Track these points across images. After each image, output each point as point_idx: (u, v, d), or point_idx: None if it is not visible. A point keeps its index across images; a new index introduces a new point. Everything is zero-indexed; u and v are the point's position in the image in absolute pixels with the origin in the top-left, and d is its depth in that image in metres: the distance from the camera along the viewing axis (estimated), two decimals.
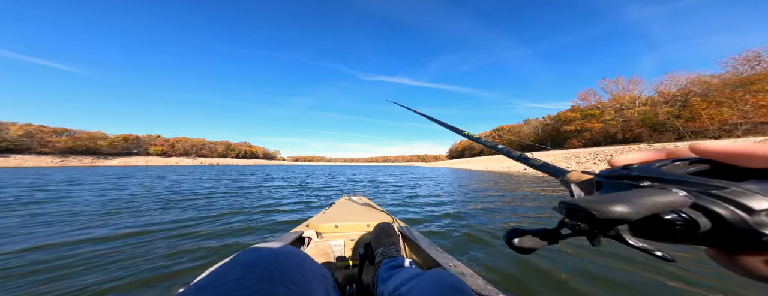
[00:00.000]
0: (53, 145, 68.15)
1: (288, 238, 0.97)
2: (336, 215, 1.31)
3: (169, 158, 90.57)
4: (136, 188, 5.62)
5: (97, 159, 70.29)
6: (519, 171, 15.86)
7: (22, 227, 2.32)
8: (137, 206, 3.39)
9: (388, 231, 0.91)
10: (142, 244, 1.85)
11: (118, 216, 2.79)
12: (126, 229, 2.23)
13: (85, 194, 4.60)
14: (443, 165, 51.34)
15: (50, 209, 3.17)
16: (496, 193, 4.87)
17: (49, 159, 61.11)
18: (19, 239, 1.96)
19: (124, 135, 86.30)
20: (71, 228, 2.30)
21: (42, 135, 68.57)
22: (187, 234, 2.10)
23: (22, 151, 64.27)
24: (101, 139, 78.79)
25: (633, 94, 40.77)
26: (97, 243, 1.86)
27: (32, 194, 4.61)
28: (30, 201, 3.83)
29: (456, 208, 3.29)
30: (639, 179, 0.16)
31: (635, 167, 0.17)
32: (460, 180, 8.96)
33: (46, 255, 1.63)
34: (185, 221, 2.52)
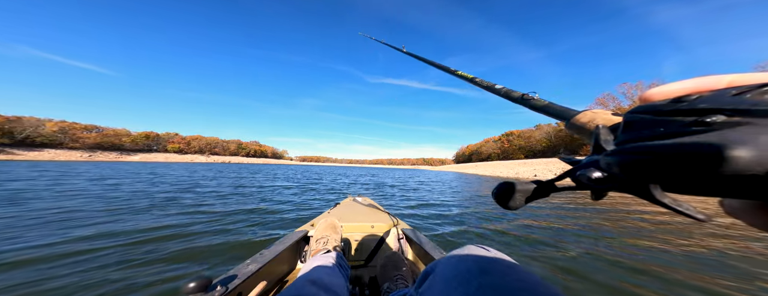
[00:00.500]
0: (83, 140, 73.60)
1: (293, 237, 1.03)
2: (340, 215, 1.32)
3: (185, 155, 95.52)
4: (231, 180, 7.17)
5: (121, 154, 75.39)
6: (529, 177, 15.92)
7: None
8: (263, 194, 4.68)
9: (395, 263, 0.85)
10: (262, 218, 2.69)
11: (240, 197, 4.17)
12: (259, 204, 3.49)
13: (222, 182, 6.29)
14: (450, 169, 51.05)
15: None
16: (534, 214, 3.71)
17: (79, 153, 66.25)
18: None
19: (146, 132, 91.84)
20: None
21: (74, 131, 74.21)
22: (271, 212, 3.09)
23: (55, 146, 69.84)
24: (125, 136, 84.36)
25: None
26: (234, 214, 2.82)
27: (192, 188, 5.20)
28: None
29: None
30: (706, 113, 0.11)
31: (696, 98, 0.12)
32: (471, 186, 8.27)
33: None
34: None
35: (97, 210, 2.88)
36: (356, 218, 1.28)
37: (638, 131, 0.13)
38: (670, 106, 0.13)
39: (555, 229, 2.52)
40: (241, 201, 3.76)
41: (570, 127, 0.21)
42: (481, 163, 60.66)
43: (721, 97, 0.11)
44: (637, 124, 0.14)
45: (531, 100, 0.30)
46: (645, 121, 0.13)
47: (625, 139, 0.14)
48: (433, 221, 2.84)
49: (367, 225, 1.19)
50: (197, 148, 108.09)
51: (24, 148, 62.68)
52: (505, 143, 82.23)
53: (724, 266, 1.60)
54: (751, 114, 0.10)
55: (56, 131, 71.02)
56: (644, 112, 0.14)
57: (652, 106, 0.14)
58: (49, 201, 3.36)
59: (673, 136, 0.11)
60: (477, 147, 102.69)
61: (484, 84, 0.41)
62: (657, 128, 0.13)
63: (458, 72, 0.52)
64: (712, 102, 0.11)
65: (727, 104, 0.11)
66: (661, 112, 0.13)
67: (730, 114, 0.10)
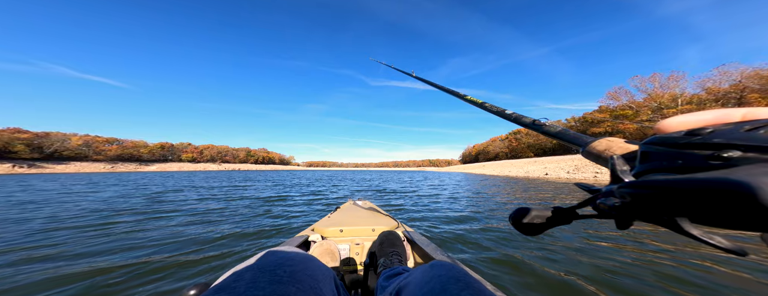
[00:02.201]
0: (105, 152, 78.25)
1: (294, 242, 1.00)
2: (341, 219, 1.31)
3: (198, 164, 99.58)
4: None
5: (140, 165, 79.61)
6: (539, 176, 14.82)
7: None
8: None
9: (391, 240, 0.90)
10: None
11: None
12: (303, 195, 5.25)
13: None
14: (456, 170, 49.30)
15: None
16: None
17: (102, 165, 70.50)
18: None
19: (161, 143, 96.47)
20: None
21: (97, 144, 78.93)
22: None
23: (81, 159, 74.57)
24: (143, 147, 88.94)
25: (674, 91, 35.13)
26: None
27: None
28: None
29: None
30: (721, 148, 0.11)
31: (711, 132, 0.12)
32: (478, 187, 7.91)
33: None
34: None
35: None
36: (357, 222, 1.27)
37: (657, 162, 0.13)
38: (685, 138, 0.13)
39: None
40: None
41: (586, 154, 0.21)
42: (488, 163, 58.93)
43: (735, 133, 0.11)
44: (655, 155, 0.14)
45: (543, 126, 0.30)
46: (661, 153, 0.13)
47: (642, 170, 0.14)
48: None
49: (367, 228, 1.18)
50: (209, 156, 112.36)
51: (53, 162, 67.25)
52: (513, 141, 80.00)
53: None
54: (765, 150, 0.10)
55: (81, 145, 75.74)
56: (660, 143, 0.14)
57: (667, 138, 0.13)
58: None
59: (692, 169, 0.11)
60: (484, 146, 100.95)
61: (494, 109, 0.42)
62: (675, 160, 0.12)
63: (467, 97, 0.53)
64: (727, 137, 0.11)
65: (741, 139, 0.11)
66: (676, 144, 0.13)
67: (745, 150, 0.11)
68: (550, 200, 5.11)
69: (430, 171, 56.17)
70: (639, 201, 0.12)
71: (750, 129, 0.11)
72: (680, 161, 0.12)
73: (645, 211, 0.13)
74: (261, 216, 3.34)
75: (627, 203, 0.13)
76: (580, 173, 14.88)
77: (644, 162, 0.14)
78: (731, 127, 0.12)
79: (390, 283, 0.56)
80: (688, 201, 0.10)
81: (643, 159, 0.15)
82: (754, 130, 0.11)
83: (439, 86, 0.66)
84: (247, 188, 7.54)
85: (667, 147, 0.13)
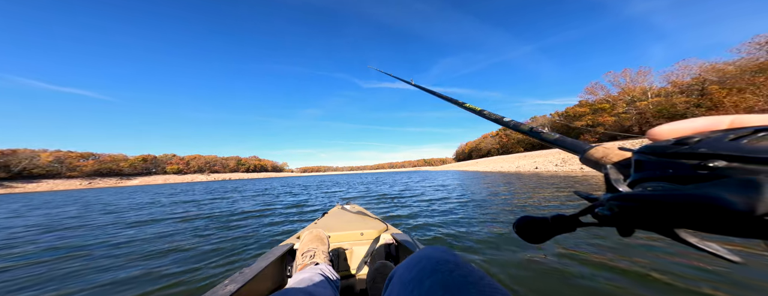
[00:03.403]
0: (81, 168, 73.02)
1: (277, 251, 0.97)
2: (329, 224, 1.29)
3: (185, 175, 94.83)
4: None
5: (121, 179, 74.75)
6: (529, 171, 15.35)
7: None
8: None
9: (384, 274, 0.85)
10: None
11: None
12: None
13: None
14: (451, 168, 49.73)
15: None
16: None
17: (79, 182, 65.61)
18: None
19: (143, 156, 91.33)
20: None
21: (70, 160, 73.67)
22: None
23: (53, 176, 69.21)
24: (123, 161, 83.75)
25: (643, 85, 38.70)
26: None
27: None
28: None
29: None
30: (707, 158, 0.12)
31: (698, 141, 0.13)
32: (468, 187, 7.39)
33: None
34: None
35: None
36: (345, 226, 1.24)
37: (650, 171, 0.14)
38: (674, 148, 0.13)
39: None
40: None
41: (585, 161, 0.22)
42: (481, 160, 59.72)
43: (720, 142, 0.12)
44: (647, 164, 0.14)
45: (541, 133, 0.31)
46: (653, 162, 0.14)
47: (636, 179, 0.15)
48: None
49: (356, 232, 1.16)
50: (196, 167, 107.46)
51: (21, 181, 62.02)
52: (504, 137, 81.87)
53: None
54: (747, 160, 0.11)
55: (52, 161, 70.47)
56: (651, 152, 0.14)
57: (657, 146, 0.14)
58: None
59: (681, 178, 0.12)
60: (476, 143, 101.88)
61: (493, 116, 0.41)
62: (666, 169, 0.13)
63: (466, 105, 0.51)
64: (711, 147, 0.12)
65: (725, 150, 0.11)
66: (665, 153, 0.13)
67: (730, 159, 0.11)
68: (566, 197, 4.48)
69: (426, 170, 55.84)
70: (627, 213, 0.13)
71: (734, 138, 0.12)
72: (670, 170, 0.13)
73: (637, 222, 0.13)
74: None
75: (618, 214, 0.14)
76: (568, 165, 15.37)
77: (638, 170, 0.15)
78: (717, 136, 0.13)
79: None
80: (672, 213, 0.11)
81: (637, 168, 0.15)
82: (738, 139, 0.12)
83: (439, 94, 0.65)
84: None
85: (657, 156, 0.14)
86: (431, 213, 3.42)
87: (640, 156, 0.15)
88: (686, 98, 31.13)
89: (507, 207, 3.62)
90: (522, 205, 3.80)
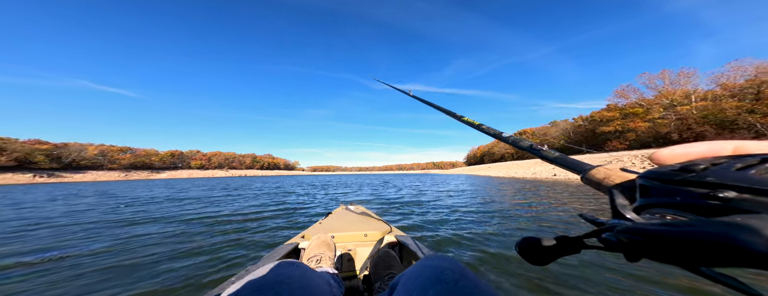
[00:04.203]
0: (120, 161, 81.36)
1: (283, 250, 0.98)
2: (332, 225, 1.30)
3: (206, 171, 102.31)
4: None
5: (152, 173, 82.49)
6: (548, 178, 13.87)
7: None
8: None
9: (386, 262, 0.87)
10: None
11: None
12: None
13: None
14: (462, 172, 47.49)
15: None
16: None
17: (117, 173, 73.41)
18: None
19: (171, 151, 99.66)
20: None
21: (112, 153, 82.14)
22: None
23: (96, 168, 77.72)
24: (154, 156, 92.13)
25: (686, 88, 34.68)
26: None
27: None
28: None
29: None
30: (716, 187, 0.11)
31: (704, 169, 0.12)
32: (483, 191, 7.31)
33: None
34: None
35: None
36: (349, 227, 1.27)
37: (657, 198, 0.13)
38: (680, 175, 0.13)
39: None
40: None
41: (586, 181, 0.21)
42: (494, 164, 56.40)
43: (727, 172, 0.12)
44: (654, 190, 0.14)
45: (540, 150, 0.30)
46: (659, 188, 0.13)
47: (643, 204, 0.14)
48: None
49: (360, 233, 1.18)
50: (217, 163, 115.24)
51: (71, 171, 70.27)
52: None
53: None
54: (759, 193, 0.10)
55: (97, 154, 79.00)
56: (656, 178, 0.14)
57: (663, 173, 0.14)
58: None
59: (691, 206, 0.12)
60: (489, 147, 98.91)
61: (491, 131, 0.41)
62: (674, 196, 0.13)
63: (464, 118, 0.51)
64: (719, 176, 0.12)
65: (733, 180, 0.11)
66: (672, 180, 0.13)
67: (740, 191, 0.11)
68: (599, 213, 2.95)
69: (435, 173, 53.94)
70: (635, 245, 0.12)
71: (742, 167, 0.12)
72: (678, 198, 0.12)
73: (645, 253, 0.12)
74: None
75: (626, 244, 0.13)
76: None
77: (644, 196, 0.14)
78: (725, 165, 0.12)
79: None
80: (685, 251, 0.10)
81: (643, 194, 0.15)
82: (745, 168, 0.11)
83: (437, 106, 0.66)
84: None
85: (663, 182, 0.13)
86: (459, 224, 3.10)
87: (646, 182, 0.14)
88: (738, 103, 26.96)
89: (545, 222, 3.19)
90: (563, 221, 3.21)
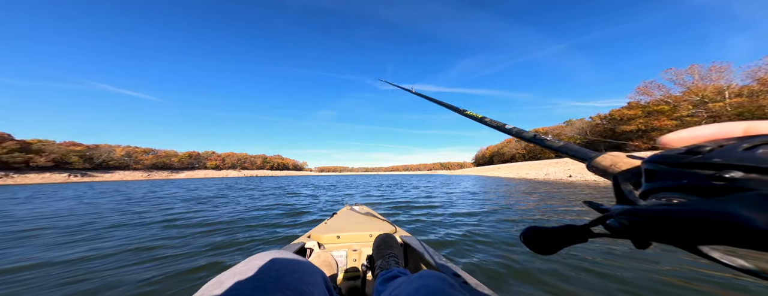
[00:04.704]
0: (143, 162, 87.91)
1: (290, 249, 0.99)
2: (338, 226, 1.31)
3: (220, 171, 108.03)
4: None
5: (171, 173, 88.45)
6: (562, 179, 13.38)
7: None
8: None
9: (387, 242, 0.91)
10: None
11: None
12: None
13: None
14: (468, 172, 45.82)
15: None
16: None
17: (140, 173, 79.47)
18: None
19: (189, 152, 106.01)
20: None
21: (136, 154, 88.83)
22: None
23: (123, 168, 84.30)
24: (173, 156, 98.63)
25: (718, 83, 32.05)
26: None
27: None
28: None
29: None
30: (722, 168, 0.11)
31: (710, 150, 0.12)
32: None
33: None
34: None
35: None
36: (354, 227, 1.27)
37: (662, 181, 0.13)
38: (686, 157, 0.13)
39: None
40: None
41: (592, 169, 0.21)
42: (504, 165, 53.36)
43: (733, 152, 0.11)
44: (659, 174, 0.14)
45: (544, 140, 0.30)
46: (665, 171, 0.13)
47: (649, 189, 0.14)
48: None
49: (365, 234, 1.18)
50: (230, 163, 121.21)
51: (101, 171, 76.72)
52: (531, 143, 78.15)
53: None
54: (765, 171, 0.10)
55: (123, 155, 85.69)
56: (662, 162, 0.13)
57: (668, 156, 0.13)
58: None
59: (696, 188, 0.11)
60: (498, 148, 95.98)
61: (494, 124, 0.40)
62: (680, 179, 0.12)
63: (467, 112, 0.50)
64: (725, 156, 0.11)
65: (740, 160, 0.11)
66: (678, 163, 0.13)
67: (746, 170, 0.10)
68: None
69: (443, 174, 51.59)
70: (638, 228, 0.12)
71: (749, 147, 0.11)
72: (684, 180, 0.12)
73: (650, 236, 0.12)
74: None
75: (629, 227, 0.13)
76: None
77: (650, 180, 0.14)
78: (731, 145, 0.12)
79: (385, 287, 0.54)
80: (686, 230, 0.10)
81: (649, 178, 0.14)
82: (752, 148, 0.11)
83: (438, 101, 0.66)
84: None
85: (669, 165, 0.13)
86: (484, 233, 2.59)
87: (651, 166, 0.14)
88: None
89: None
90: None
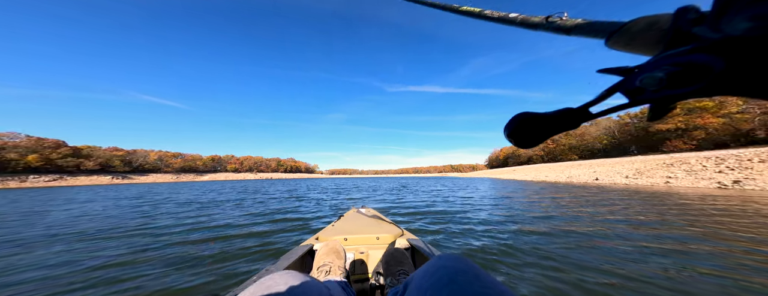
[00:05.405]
0: (173, 165, 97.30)
1: (298, 251, 1.01)
2: (345, 228, 1.31)
3: (239, 173, 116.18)
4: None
5: (197, 175, 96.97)
6: (588, 182, 12.17)
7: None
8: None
9: (397, 258, 0.89)
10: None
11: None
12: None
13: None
14: (482, 175, 43.10)
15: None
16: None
17: (170, 176, 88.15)
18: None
19: (212, 156, 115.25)
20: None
21: (167, 158, 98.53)
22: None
23: (155, 171, 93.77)
24: (198, 160, 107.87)
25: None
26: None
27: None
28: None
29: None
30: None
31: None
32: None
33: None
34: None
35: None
36: (361, 230, 1.28)
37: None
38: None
39: None
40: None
41: (615, 41, 0.17)
42: (520, 167, 49.37)
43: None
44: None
45: (556, 22, 0.24)
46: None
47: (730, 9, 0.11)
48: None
49: (372, 236, 1.18)
50: (247, 166, 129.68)
51: (137, 174, 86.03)
52: (550, 143, 63.45)
53: None
54: None
55: (156, 159, 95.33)
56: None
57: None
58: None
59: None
60: (513, 149, 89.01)
61: (495, 16, 0.35)
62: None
63: (462, 8, 0.43)
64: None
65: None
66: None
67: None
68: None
69: (454, 177, 48.40)
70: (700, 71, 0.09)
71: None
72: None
73: (724, 74, 0.09)
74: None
75: (671, 81, 0.10)
76: (645, 178, 10.74)
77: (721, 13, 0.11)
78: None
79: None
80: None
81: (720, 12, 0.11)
82: None
83: (427, 2, 0.56)
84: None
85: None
86: (538, 255, 1.94)
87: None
88: None
89: (664, 244, 2.11)
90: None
